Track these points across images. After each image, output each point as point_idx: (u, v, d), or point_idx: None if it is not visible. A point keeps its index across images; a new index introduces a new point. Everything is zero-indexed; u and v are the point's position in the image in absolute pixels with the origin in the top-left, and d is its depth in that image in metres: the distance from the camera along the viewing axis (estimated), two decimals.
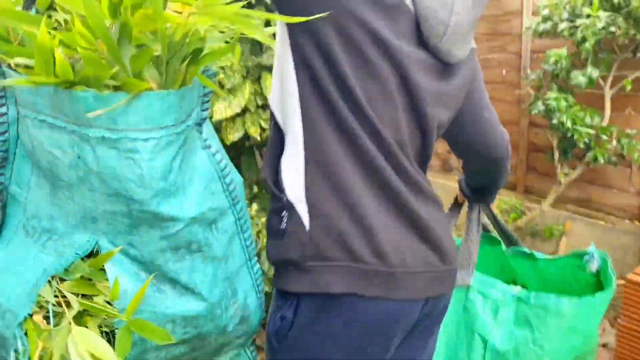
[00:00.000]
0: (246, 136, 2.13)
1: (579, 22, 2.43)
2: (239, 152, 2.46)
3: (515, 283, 1.71)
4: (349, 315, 0.87)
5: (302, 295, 0.87)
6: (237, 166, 2.91)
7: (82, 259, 0.75)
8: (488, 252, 1.70)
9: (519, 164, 3.53)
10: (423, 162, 1.00)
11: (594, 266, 1.44)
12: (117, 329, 0.73)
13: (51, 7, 0.76)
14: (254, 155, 2.96)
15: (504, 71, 3.52)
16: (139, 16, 0.61)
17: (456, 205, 1.57)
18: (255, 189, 2.89)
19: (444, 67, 0.95)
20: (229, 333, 0.89)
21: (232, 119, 2.02)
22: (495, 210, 1.58)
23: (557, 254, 3.28)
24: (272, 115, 0.92)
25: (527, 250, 1.55)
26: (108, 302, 0.74)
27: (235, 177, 0.89)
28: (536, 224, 3.35)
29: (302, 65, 0.85)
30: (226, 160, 0.87)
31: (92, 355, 0.66)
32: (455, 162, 4.01)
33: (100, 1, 0.59)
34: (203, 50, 0.72)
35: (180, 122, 0.72)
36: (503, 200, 3.50)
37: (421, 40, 0.90)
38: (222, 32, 0.77)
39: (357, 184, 0.86)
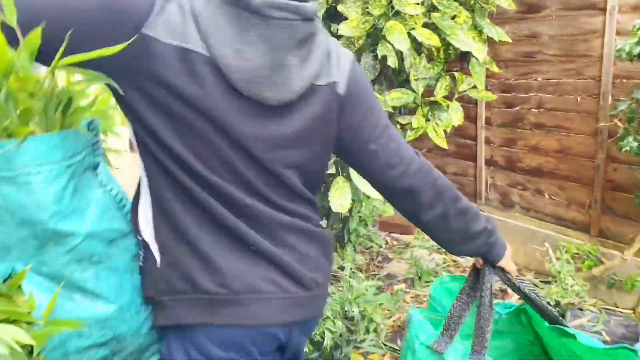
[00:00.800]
0: None
1: None
2: None
3: None
4: (205, 345, 0.95)
5: (167, 330, 0.99)
6: None
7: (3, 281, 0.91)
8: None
9: (593, 204, 3.13)
10: (294, 197, 1.02)
11: None
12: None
13: None
14: None
15: (578, 98, 3.13)
16: (15, 79, 0.81)
17: (475, 271, 1.30)
18: None
19: (274, 110, 0.94)
20: (144, 335, 1.03)
21: None
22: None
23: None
24: None
25: (570, 329, 1.27)
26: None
27: None
28: (614, 274, 2.93)
29: (131, 122, 0.94)
30: (122, 195, 1.04)
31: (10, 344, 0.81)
32: (516, 196, 3.60)
33: None
34: (72, 102, 0.92)
35: (66, 158, 0.89)
36: (574, 245, 3.09)
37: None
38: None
39: (194, 226, 0.94)
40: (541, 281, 3.30)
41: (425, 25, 2.25)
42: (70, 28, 0.79)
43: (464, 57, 2.65)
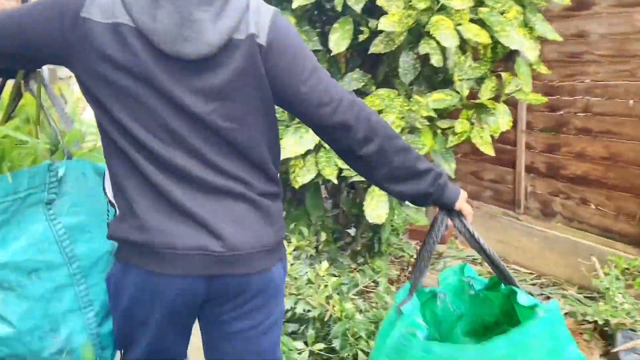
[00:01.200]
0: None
1: None
2: (302, 188, 2.02)
3: None
4: (135, 280, 1.14)
5: (120, 264, 1.17)
6: (302, 203, 2.44)
7: None
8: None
9: None
10: (236, 157, 1.13)
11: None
12: None
13: None
14: (319, 193, 2.49)
15: (631, 102, 2.91)
16: None
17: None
18: (323, 236, 2.41)
19: (199, 64, 1.06)
20: (45, 358, 1.19)
21: (303, 156, 1.61)
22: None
23: None
24: None
25: (516, 288, 1.29)
26: None
27: (86, 246, 1.26)
28: None
29: (90, 105, 1.11)
30: (65, 230, 1.21)
31: None
32: (558, 206, 3.38)
33: None
34: (5, 154, 1.19)
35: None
36: (622, 259, 2.87)
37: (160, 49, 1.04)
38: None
39: (131, 187, 1.11)
40: (585, 296, 3.08)
41: (471, 21, 2.07)
42: (30, 33, 1.04)
43: (510, 56, 2.46)
